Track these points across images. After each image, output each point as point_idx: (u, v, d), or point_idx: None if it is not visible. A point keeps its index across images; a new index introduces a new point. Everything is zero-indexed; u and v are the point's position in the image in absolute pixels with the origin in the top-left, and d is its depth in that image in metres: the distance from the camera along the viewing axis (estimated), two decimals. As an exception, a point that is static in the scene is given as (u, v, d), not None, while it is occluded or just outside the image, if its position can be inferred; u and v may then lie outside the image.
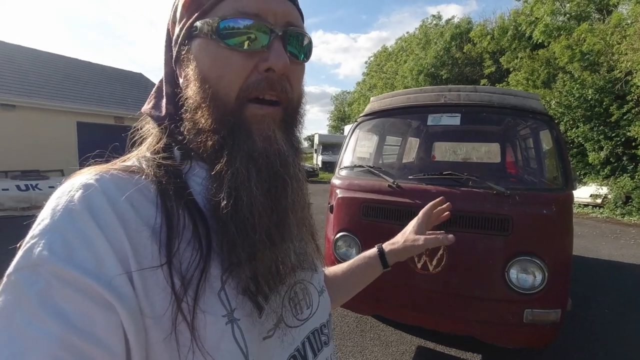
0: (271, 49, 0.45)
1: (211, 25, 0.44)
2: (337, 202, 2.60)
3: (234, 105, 0.44)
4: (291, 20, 0.47)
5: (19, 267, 0.34)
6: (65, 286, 0.33)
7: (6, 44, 12.04)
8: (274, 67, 0.44)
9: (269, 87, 0.45)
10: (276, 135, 0.46)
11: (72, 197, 0.37)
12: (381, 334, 2.99)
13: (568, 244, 2.13)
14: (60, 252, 0.34)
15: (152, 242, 0.38)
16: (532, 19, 15.80)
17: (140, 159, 0.46)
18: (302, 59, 0.50)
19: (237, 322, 0.41)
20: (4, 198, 7.44)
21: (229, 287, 0.42)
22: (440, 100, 2.61)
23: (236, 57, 0.44)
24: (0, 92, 9.36)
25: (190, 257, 0.40)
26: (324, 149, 25.71)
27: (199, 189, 0.46)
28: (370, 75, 37.89)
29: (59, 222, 0.36)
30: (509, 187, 2.17)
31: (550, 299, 2.04)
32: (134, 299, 0.36)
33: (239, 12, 0.43)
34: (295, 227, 0.48)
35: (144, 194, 0.41)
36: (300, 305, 0.52)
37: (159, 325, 0.37)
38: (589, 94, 10.88)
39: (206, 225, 0.43)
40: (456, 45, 22.88)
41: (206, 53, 0.45)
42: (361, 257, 0.80)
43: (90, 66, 14.16)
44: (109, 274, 0.35)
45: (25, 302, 0.32)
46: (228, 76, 0.44)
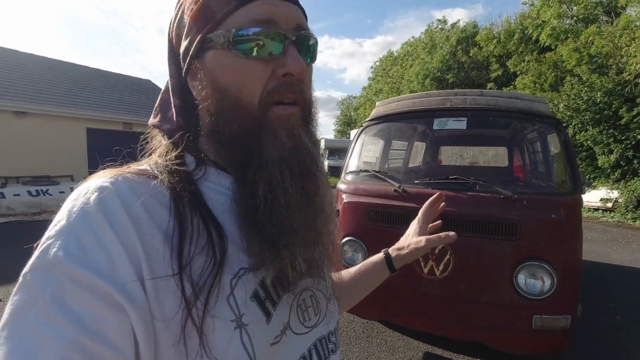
0: (287, 55, 0.46)
1: (227, 37, 0.44)
2: (343, 206, 2.60)
3: (257, 111, 0.45)
4: (300, 23, 0.48)
5: (34, 267, 0.35)
6: (79, 287, 0.34)
7: (18, 53, 12.31)
8: (292, 72, 0.46)
9: (289, 90, 0.47)
10: (301, 133, 0.48)
11: (88, 199, 0.38)
12: (388, 340, 2.97)
13: (577, 248, 2.10)
14: (74, 254, 0.35)
15: (164, 246, 0.39)
16: (538, 22, 15.71)
17: (152, 165, 0.47)
18: (309, 61, 0.51)
19: (245, 328, 0.42)
20: (15, 203, 7.57)
21: (238, 293, 0.42)
22: (446, 104, 2.61)
23: (254, 65, 0.45)
24: (12, 100, 9.55)
25: (204, 264, 0.40)
26: (330, 154, 25.70)
27: (213, 194, 0.47)
28: (376, 80, 37.93)
29: (75, 224, 0.36)
30: (516, 192, 2.15)
31: (560, 304, 2.01)
32: (145, 302, 0.36)
33: (253, 21, 0.44)
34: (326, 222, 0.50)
35: (158, 198, 0.42)
36: (308, 312, 0.52)
37: (168, 329, 0.37)
38: (597, 97, 10.76)
39: (220, 231, 0.43)
40: (462, 49, 22.83)
41: (223, 64, 0.46)
42: (368, 263, 0.80)
43: (99, 73, 14.40)
44: (121, 276, 0.35)
45: (39, 302, 0.33)
46: (249, 84, 0.45)
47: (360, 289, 0.79)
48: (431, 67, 23.81)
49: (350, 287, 0.77)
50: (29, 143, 9.67)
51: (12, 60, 11.46)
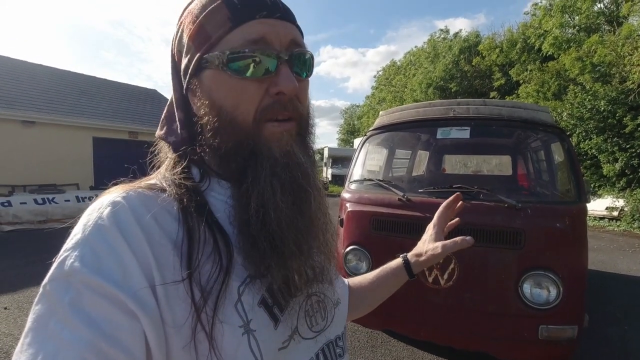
0: (279, 74, 0.47)
1: (221, 58, 0.46)
2: (347, 215, 2.61)
3: (252, 128, 0.47)
4: (294, 39, 0.49)
5: (53, 277, 0.38)
6: (95, 294, 0.36)
7: (27, 63, 12.54)
8: (284, 91, 0.47)
9: (282, 108, 0.48)
10: (294, 149, 0.49)
11: (102, 213, 0.41)
12: (392, 350, 2.95)
13: (583, 257, 2.10)
14: (90, 264, 0.37)
15: (174, 255, 0.41)
16: (540, 31, 15.82)
17: (161, 180, 0.50)
18: (305, 76, 0.53)
19: (253, 333, 0.43)
20: (22, 212, 7.62)
21: (245, 299, 0.44)
22: (449, 114, 2.63)
23: (248, 85, 0.47)
24: (21, 109, 9.70)
25: (211, 270, 0.42)
26: (334, 162, 25.75)
27: (219, 204, 0.49)
28: (379, 89, 38.11)
29: (90, 237, 0.39)
30: (521, 200, 2.15)
31: (566, 314, 2.00)
32: (156, 309, 0.38)
33: (246, 42, 0.45)
34: (320, 234, 0.51)
35: (167, 210, 0.44)
36: (316, 317, 0.54)
37: (179, 334, 0.39)
38: (601, 106, 10.75)
39: (226, 240, 0.45)
40: (465, 58, 22.95)
41: (219, 84, 0.47)
42: (387, 268, 0.80)
43: (106, 83, 14.60)
44: (134, 284, 0.38)
45: (59, 310, 0.35)
46: (243, 104, 0.47)
47: (380, 293, 0.80)
48: (434, 76, 23.91)
49: (370, 291, 0.79)
50: (36, 152, 9.79)
51: (21, 70, 11.67)
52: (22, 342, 0.35)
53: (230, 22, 0.46)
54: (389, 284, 0.79)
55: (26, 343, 0.35)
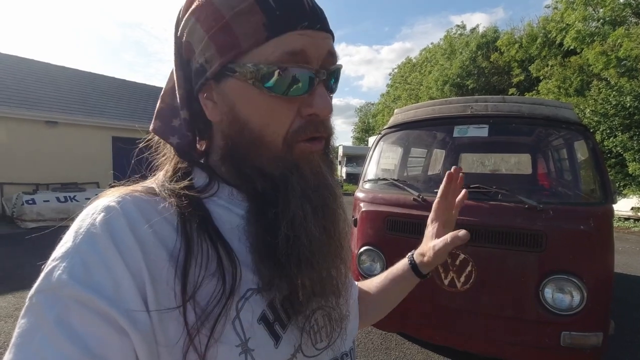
0: (315, 95, 0.44)
1: (253, 72, 0.41)
2: (361, 215, 2.57)
3: (282, 151, 0.44)
4: (331, 50, 0.45)
5: (39, 289, 0.35)
6: (83, 310, 0.33)
7: (50, 65, 12.94)
8: (320, 114, 0.44)
9: (315, 130, 0.45)
10: (323, 169, 0.46)
11: (94, 220, 0.38)
12: (407, 352, 2.89)
13: (608, 261, 2.00)
14: (79, 276, 0.34)
15: (169, 269, 0.38)
16: (562, 25, 15.29)
17: (160, 186, 0.45)
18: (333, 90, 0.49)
19: (251, 353, 0.40)
20: (45, 209, 7.87)
21: (244, 315, 0.41)
22: (466, 111, 2.56)
23: (280, 104, 0.43)
24: (44, 110, 10.01)
25: (213, 293, 0.39)
26: (348, 161, 25.65)
27: (225, 214, 0.45)
28: (394, 87, 37.76)
29: (80, 246, 0.36)
30: (542, 201, 2.07)
31: (590, 320, 1.91)
32: (148, 326, 0.36)
33: (284, 54, 0.41)
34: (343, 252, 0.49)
35: (165, 218, 0.41)
36: (321, 334, 0.49)
37: (170, 354, 0.36)
38: (627, 101, 10.33)
39: (231, 256, 0.41)
40: (482, 54, 22.47)
41: (246, 99, 0.43)
42: (394, 271, 0.74)
43: (124, 84, 14.93)
44: (125, 300, 0.35)
45: (44, 325, 0.33)
46: (273, 124, 0.43)
47: (391, 298, 0.75)
48: (450, 73, 23.52)
49: (377, 299, 0.73)
50: (58, 151, 10.09)
51: (44, 72, 12.04)
52: (6, 357, 0.33)
53: (266, 31, 0.40)
54: (398, 287, 0.74)
55: (9, 359, 0.32)
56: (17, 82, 10.52)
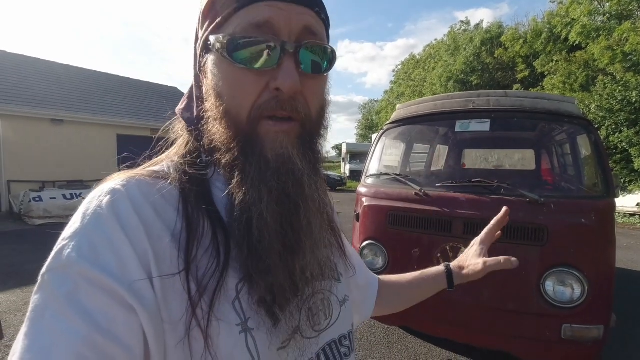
0: (281, 68, 0.42)
1: (222, 42, 0.42)
2: (363, 210, 2.58)
3: (246, 124, 0.44)
4: (309, 26, 0.44)
5: (50, 267, 0.37)
6: (92, 287, 0.35)
7: (56, 64, 13.04)
8: (282, 88, 0.42)
9: (279, 107, 0.43)
10: (290, 152, 0.44)
11: (101, 202, 0.39)
12: (409, 346, 2.92)
13: (610, 255, 2.00)
14: (87, 255, 0.36)
15: (172, 247, 0.40)
16: (567, 20, 15.15)
17: (168, 163, 0.48)
18: (322, 71, 0.47)
19: (251, 332, 0.41)
20: (52, 207, 7.98)
21: (244, 297, 0.42)
22: (468, 106, 2.56)
23: (247, 76, 0.43)
24: (51, 108, 10.11)
25: (208, 264, 0.40)
26: (352, 158, 25.67)
27: (220, 195, 0.46)
28: (398, 84, 37.60)
29: (88, 226, 0.38)
30: (544, 195, 2.07)
31: (592, 313, 1.92)
32: (154, 303, 0.37)
33: (249, 25, 0.42)
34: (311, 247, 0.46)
35: (167, 200, 0.43)
36: (319, 316, 0.50)
37: (174, 331, 0.38)
38: (633, 97, 10.24)
39: (226, 233, 0.43)
40: (487, 50, 22.30)
41: (218, 70, 0.44)
42: (428, 272, 0.80)
43: (128, 82, 15.01)
44: (131, 277, 0.36)
45: (55, 301, 0.35)
46: (239, 96, 0.43)
47: (417, 294, 0.80)
48: (454, 69, 23.39)
49: (407, 289, 0.79)
50: (64, 149, 10.20)
51: (50, 71, 12.15)
52: (21, 331, 0.34)
53: (236, 3, 0.42)
54: (428, 287, 0.79)
55: (23, 333, 0.34)
56: (22, 80, 10.62)
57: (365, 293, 0.73)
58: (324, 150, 0.51)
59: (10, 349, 0.34)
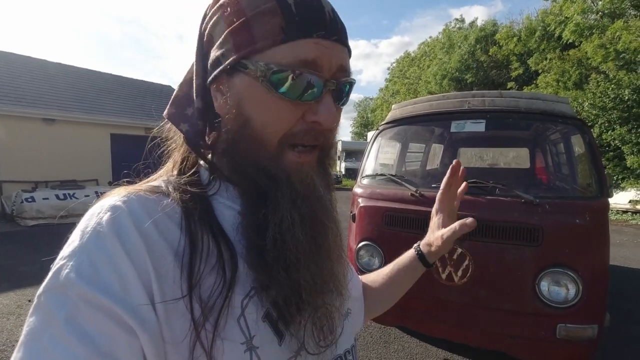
0: (321, 103, 0.44)
1: (264, 71, 0.41)
2: (359, 211, 2.58)
3: (275, 150, 0.44)
4: (343, 65, 0.46)
5: (47, 288, 0.36)
6: (91, 309, 0.34)
7: (47, 62, 12.86)
8: (322, 123, 0.44)
9: (313, 138, 0.45)
10: (314, 181, 0.46)
11: (101, 219, 0.38)
12: (405, 346, 2.93)
13: (604, 254, 2.02)
14: (87, 275, 0.35)
15: (174, 266, 0.39)
16: (561, 18, 15.22)
17: (166, 181, 0.47)
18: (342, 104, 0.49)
19: (256, 350, 0.41)
20: (45, 207, 7.88)
21: (249, 313, 0.42)
22: (463, 106, 2.56)
23: (284, 106, 0.43)
24: (42, 108, 9.97)
25: (214, 285, 0.40)
26: (347, 156, 25.69)
27: (226, 212, 0.46)
28: (393, 81, 37.65)
29: (87, 245, 0.37)
30: (538, 196, 2.08)
31: (586, 313, 1.93)
32: (155, 324, 0.36)
33: (296, 61, 0.41)
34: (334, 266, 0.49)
35: (170, 217, 0.42)
36: (324, 332, 0.49)
37: (177, 352, 0.37)
38: (625, 95, 10.33)
39: (232, 252, 0.43)
40: (481, 48, 22.39)
41: (253, 95, 0.43)
42: (399, 262, 0.77)
43: (122, 80, 14.85)
44: (132, 298, 0.35)
45: (54, 324, 0.34)
46: (274, 124, 0.43)
47: (398, 288, 0.77)
48: (449, 67, 23.46)
49: (387, 288, 0.76)
50: (57, 149, 10.07)
51: (41, 69, 11.97)
52: (15, 356, 0.33)
53: (283, 34, 0.41)
54: (406, 278, 0.76)
55: (18, 358, 0.33)
56: (13, 79, 10.46)
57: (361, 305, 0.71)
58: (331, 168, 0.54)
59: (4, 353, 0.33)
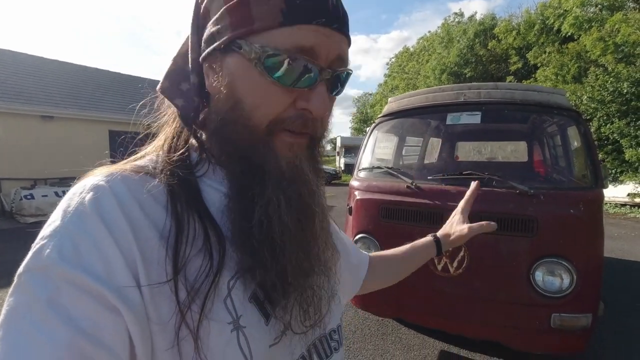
0: (314, 91, 0.43)
1: (259, 54, 0.40)
2: (356, 204, 2.59)
3: (263, 133, 0.43)
4: (341, 55, 0.45)
5: (28, 268, 0.34)
6: (75, 290, 0.33)
7: (44, 59, 12.80)
8: (314, 112, 0.43)
9: (302, 126, 0.44)
10: (302, 164, 0.46)
11: (83, 199, 0.37)
12: (403, 338, 2.95)
13: (598, 245, 2.03)
14: (69, 256, 0.34)
15: (160, 248, 0.38)
16: (560, 11, 15.19)
17: (153, 158, 0.46)
18: (336, 93, 0.49)
19: (243, 330, 0.41)
20: (44, 204, 7.89)
21: (235, 294, 0.41)
22: (459, 98, 2.56)
23: (277, 91, 0.42)
24: (40, 105, 9.95)
25: (200, 268, 0.39)
26: (347, 152, 25.68)
27: (213, 194, 0.46)
28: (392, 77, 37.52)
29: (69, 225, 0.36)
30: (534, 187, 2.09)
31: (580, 303, 1.95)
32: (141, 305, 0.35)
33: (293, 47, 0.40)
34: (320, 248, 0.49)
35: (155, 198, 0.41)
36: (309, 312, 0.49)
37: (164, 332, 0.36)
38: (624, 88, 10.32)
39: (219, 233, 0.42)
40: (480, 42, 22.31)
41: (246, 76, 0.43)
42: (418, 243, 0.86)
43: (119, 76, 14.81)
44: (116, 278, 0.35)
45: (35, 305, 0.32)
46: (264, 107, 0.43)
47: (409, 264, 0.85)
48: (448, 61, 23.38)
49: (401, 261, 0.84)
50: (55, 146, 10.05)
51: (38, 66, 11.92)
52: None
53: (282, 17, 0.40)
54: (419, 257, 0.85)
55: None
56: (10, 76, 10.41)
57: (357, 273, 0.76)
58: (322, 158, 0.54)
59: None
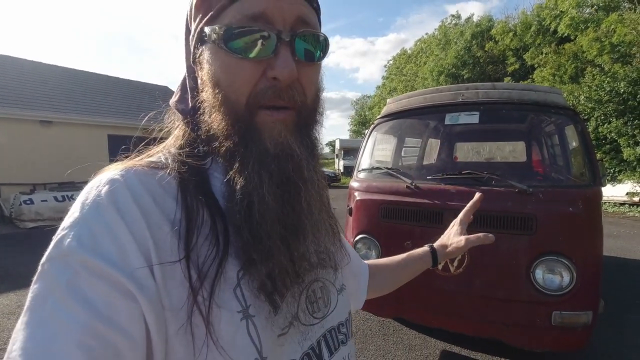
0: (277, 57, 0.43)
1: (217, 33, 0.43)
2: (356, 204, 2.60)
3: (244, 112, 0.44)
4: (302, 16, 0.45)
5: (50, 257, 0.37)
6: (92, 275, 0.35)
7: (43, 64, 12.83)
8: (279, 77, 0.43)
9: (276, 96, 0.44)
10: (288, 140, 0.45)
11: (100, 191, 0.40)
12: (404, 338, 2.95)
13: (597, 242, 2.04)
14: (87, 244, 0.36)
15: (171, 236, 0.40)
16: (556, 12, 15.27)
17: (165, 154, 0.49)
18: (316, 59, 0.48)
19: (252, 319, 0.42)
20: (43, 209, 7.89)
21: (245, 284, 0.43)
22: (457, 99, 2.58)
23: (244, 64, 0.44)
24: (38, 110, 9.97)
25: (207, 252, 0.41)
26: (346, 154, 25.74)
27: (218, 184, 0.47)
28: (390, 79, 37.62)
29: (87, 215, 0.38)
30: (532, 185, 2.11)
31: (580, 300, 1.96)
32: (154, 290, 0.37)
33: (244, 17, 0.42)
34: (312, 229, 0.48)
35: (166, 190, 0.43)
36: (318, 304, 0.52)
37: (176, 318, 0.38)
38: (621, 87, 10.37)
39: (224, 221, 0.44)
40: (477, 43, 22.41)
41: (215, 60, 0.45)
42: (414, 253, 0.85)
43: (118, 81, 14.85)
44: (131, 265, 0.37)
45: (56, 290, 0.35)
46: (237, 83, 0.44)
47: (405, 274, 0.85)
48: (445, 63, 23.47)
49: (397, 272, 0.84)
50: (54, 151, 10.05)
51: (37, 71, 11.94)
52: (21, 320, 0.35)
53: None
54: (415, 267, 0.84)
55: (24, 322, 0.34)
56: (8, 82, 10.44)
57: (359, 281, 0.76)
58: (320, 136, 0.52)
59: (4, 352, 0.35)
